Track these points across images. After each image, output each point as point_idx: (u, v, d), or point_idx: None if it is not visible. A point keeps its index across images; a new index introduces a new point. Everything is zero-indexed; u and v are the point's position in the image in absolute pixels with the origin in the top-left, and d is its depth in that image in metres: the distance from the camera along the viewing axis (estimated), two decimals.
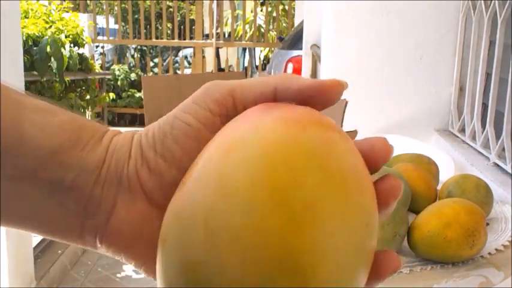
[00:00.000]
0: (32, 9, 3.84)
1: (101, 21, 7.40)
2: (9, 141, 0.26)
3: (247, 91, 0.28)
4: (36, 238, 2.49)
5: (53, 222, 0.28)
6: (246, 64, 8.05)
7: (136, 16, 7.25)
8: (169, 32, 7.36)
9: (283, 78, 0.28)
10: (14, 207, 0.28)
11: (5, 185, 0.27)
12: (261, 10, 7.94)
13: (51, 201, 0.27)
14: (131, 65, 6.55)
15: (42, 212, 0.28)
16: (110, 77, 5.91)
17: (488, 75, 1.50)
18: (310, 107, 0.27)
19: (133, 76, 6.18)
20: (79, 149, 0.28)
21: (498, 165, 1.35)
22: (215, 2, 7.06)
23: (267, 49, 7.92)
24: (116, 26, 7.12)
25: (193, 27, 6.99)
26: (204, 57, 6.73)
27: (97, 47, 6.59)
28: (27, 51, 3.42)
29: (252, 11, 7.50)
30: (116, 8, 7.07)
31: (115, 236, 0.28)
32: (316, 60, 3.45)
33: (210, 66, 6.72)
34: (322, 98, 0.28)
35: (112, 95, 5.05)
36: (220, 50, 7.45)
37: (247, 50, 8.16)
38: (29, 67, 3.43)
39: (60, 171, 0.27)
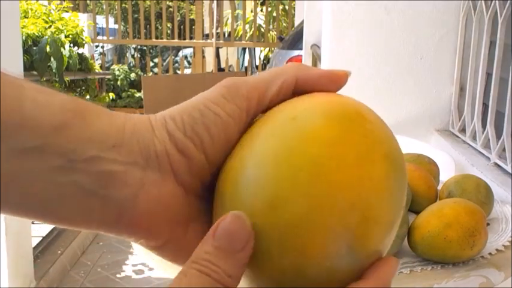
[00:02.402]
0: (31, 9, 3.84)
1: (101, 21, 7.39)
2: (11, 119, 0.26)
3: (270, 83, 0.29)
4: (36, 238, 2.49)
5: (65, 202, 0.27)
6: (246, 64, 8.05)
7: (136, 16, 7.25)
8: (169, 32, 7.36)
9: (299, 68, 0.30)
10: (22, 187, 0.26)
11: (12, 162, 0.26)
12: (261, 10, 7.94)
13: (61, 179, 0.27)
14: (131, 65, 6.54)
15: (52, 191, 0.27)
16: (109, 77, 5.90)
17: (488, 75, 1.50)
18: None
19: (133, 76, 6.17)
20: (87, 126, 0.27)
21: (498, 165, 1.35)
22: (215, 2, 7.06)
23: (267, 49, 7.92)
24: (116, 26, 7.12)
25: (193, 27, 6.99)
26: (204, 57, 6.72)
27: (97, 47, 6.59)
28: (26, 51, 3.42)
29: (252, 11, 7.50)
30: (115, 7, 7.07)
31: (143, 216, 0.28)
32: (316, 60, 3.45)
33: (210, 66, 6.72)
34: (334, 86, 0.30)
35: (112, 95, 5.05)
36: (220, 50, 7.44)
37: (247, 50, 8.15)
38: (28, 67, 3.43)
39: (69, 147, 0.27)
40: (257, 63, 7.24)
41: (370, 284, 0.26)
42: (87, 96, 4.47)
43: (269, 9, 7.34)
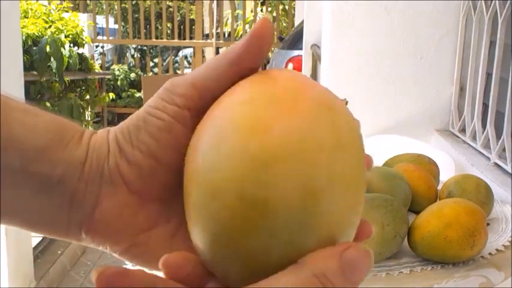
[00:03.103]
0: (31, 9, 3.84)
1: (101, 21, 7.39)
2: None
3: (206, 77, 0.30)
4: (36, 238, 2.49)
5: (40, 216, 0.30)
6: None
7: (136, 16, 7.25)
8: (169, 32, 7.36)
9: (228, 52, 0.30)
10: (5, 203, 0.29)
11: None
12: (261, 10, 7.93)
13: (40, 195, 0.29)
14: (131, 65, 6.54)
15: (32, 206, 0.29)
16: (109, 77, 5.90)
17: (488, 75, 1.50)
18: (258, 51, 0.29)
19: (133, 76, 6.17)
20: (63, 147, 0.30)
21: (498, 165, 1.35)
22: (215, 2, 7.06)
23: None
24: (116, 26, 7.12)
25: (193, 27, 6.99)
26: (204, 57, 6.73)
27: (97, 47, 6.59)
28: (26, 51, 3.42)
29: (252, 11, 7.50)
30: (115, 7, 7.06)
31: (100, 226, 0.30)
32: (316, 60, 3.44)
33: None
34: (259, 42, 0.29)
35: (112, 95, 5.05)
36: (220, 50, 7.45)
37: None
38: (28, 67, 3.43)
39: (49, 167, 0.29)
40: None
41: (301, 272, 0.24)
42: (87, 96, 4.47)
43: (269, 9, 7.34)
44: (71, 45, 3.91)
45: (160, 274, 0.27)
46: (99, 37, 6.82)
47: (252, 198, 0.24)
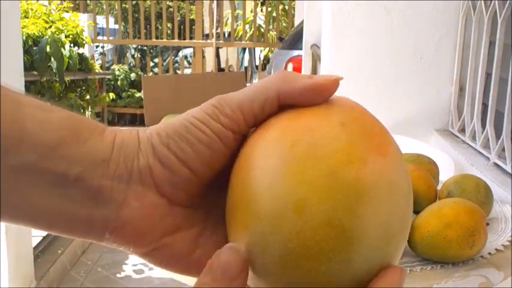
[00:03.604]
0: (32, 9, 3.84)
1: (101, 21, 7.39)
2: (10, 137, 0.27)
3: (253, 101, 0.30)
4: (36, 238, 2.49)
5: (56, 213, 0.29)
6: (246, 64, 8.05)
7: (136, 16, 7.25)
8: (169, 32, 7.36)
9: (283, 81, 0.30)
10: (17, 199, 0.28)
11: (8, 177, 0.28)
12: (261, 10, 7.94)
13: (54, 192, 0.29)
14: (131, 65, 6.54)
15: (51, 204, 0.29)
16: (109, 77, 5.90)
17: (488, 75, 1.50)
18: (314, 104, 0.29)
19: (133, 76, 6.17)
20: (80, 143, 0.29)
21: (498, 165, 1.35)
22: (215, 2, 7.06)
23: (267, 49, 7.92)
24: (116, 26, 7.12)
25: (193, 27, 6.99)
26: (204, 57, 6.72)
27: (97, 47, 6.59)
28: (27, 51, 3.42)
29: (252, 11, 7.50)
30: (116, 7, 7.06)
31: (126, 226, 0.30)
32: (316, 60, 3.45)
33: (210, 66, 6.72)
34: (320, 98, 0.29)
35: (112, 95, 5.05)
36: (220, 50, 7.44)
37: (247, 50, 8.15)
38: (29, 67, 3.43)
39: (63, 164, 0.28)
40: (257, 63, 7.24)
41: None
42: (87, 96, 4.47)
43: (269, 9, 7.34)
44: (71, 45, 3.91)
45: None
46: (99, 37, 6.82)
47: (342, 225, 0.25)
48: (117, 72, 6.06)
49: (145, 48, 7.31)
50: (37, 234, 2.55)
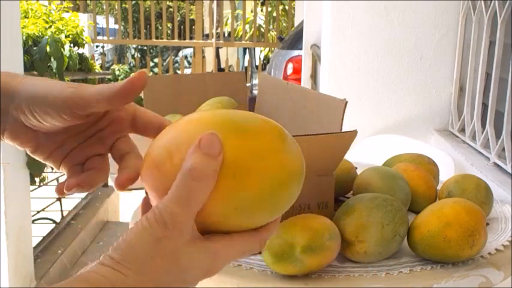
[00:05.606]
0: (32, 9, 3.84)
1: (101, 21, 7.39)
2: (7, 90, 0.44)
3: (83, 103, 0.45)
4: (36, 238, 2.49)
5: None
6: (246, 64, 8.05)
7: (136, 16, 7.25)
8: (169, 32, 7.36)
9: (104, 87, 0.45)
10: None
11: None
12: (261, 10, 7.94)
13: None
14: (131, 65, 6.54)
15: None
16: (110, 77, 5.90)
17: (488, 75, 1.50)
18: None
19: None
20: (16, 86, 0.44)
21: (498, 165, 1.35)
22: (215, 2, 7.06)
23: (267, 49, 7.92)
24: (116, 26, 7.12)
25: (193, 27, 6.99)
26: (204, 57, 6.73)
27: (97, 47, 6.59)
28: (27, 51, 3.42)
29: (252, 11, 7.50)
30: (116, 8, 7.07)
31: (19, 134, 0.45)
32: (316, 60, 3.45)
33: (210, 66, 6.72)
34: (133, 94, 0.43)
35: None
36: (220, 50, 7.44)
37: (247, 50, 8.15)
38: (29, 67, 3.43)
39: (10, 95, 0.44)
40: (257, 63, 7.24)
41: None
42: None
43: (269, 9, 7.34)
44: (71, 45, 3.91)
45: None
46: (99, 37, 6.82)
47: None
48: (117, 72, 6.05)
49: (145, 48, 7.32)
50: (37, 234, 2.55)
